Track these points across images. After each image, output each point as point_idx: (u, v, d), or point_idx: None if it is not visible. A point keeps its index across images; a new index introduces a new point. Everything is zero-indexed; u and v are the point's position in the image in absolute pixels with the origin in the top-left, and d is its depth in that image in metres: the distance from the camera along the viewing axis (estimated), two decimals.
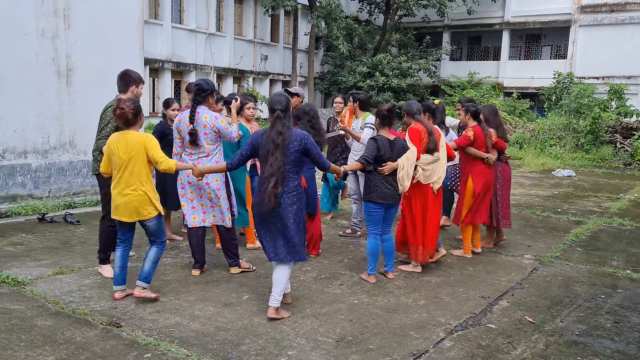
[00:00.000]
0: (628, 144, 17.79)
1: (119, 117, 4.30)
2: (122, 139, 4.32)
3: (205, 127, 4.91)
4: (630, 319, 4.51)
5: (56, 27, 8.23)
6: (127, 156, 4.28)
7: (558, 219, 8.54)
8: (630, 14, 24.25)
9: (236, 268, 5.32)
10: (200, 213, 5.11)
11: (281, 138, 4.13)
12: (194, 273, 5.24)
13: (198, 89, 4.98)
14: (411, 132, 5.40)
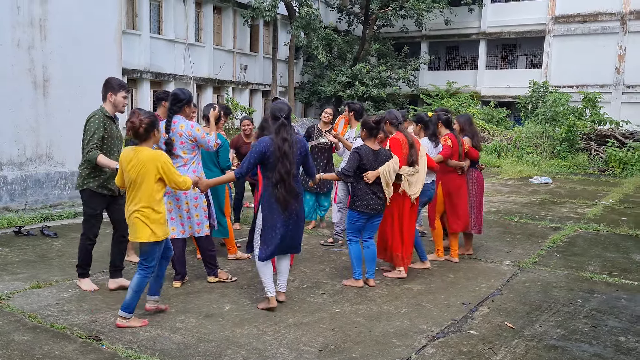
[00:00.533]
0: (602, 151, 18.15)
1: (128, 129, 4.07)
2: (133, 155, 4.07)
3: (181, 136, 4.88)
4: (607, 323, 4.59)
5: (32, 37, 8.14)
6: (135, 174, 4.05)
7: (536, 226, 8.67)
8: (602, 25, 24.83)
9: (213, 277, 5.32)
10: (178, 224, 5.06)
11: (287, 144, 4.39)
12: (175, 284, 5.20)
13: (174, 99, 4.95)
14: (392, 142, 5.47)
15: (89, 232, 5.00)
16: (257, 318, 4.44)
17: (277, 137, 4.41)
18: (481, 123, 21.75)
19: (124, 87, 5.01)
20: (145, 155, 4.05)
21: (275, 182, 4.40)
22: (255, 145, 4.46)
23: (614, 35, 24.57)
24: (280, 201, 4.42)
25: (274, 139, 4.42)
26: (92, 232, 5.01)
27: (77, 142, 8.62)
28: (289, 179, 4.39)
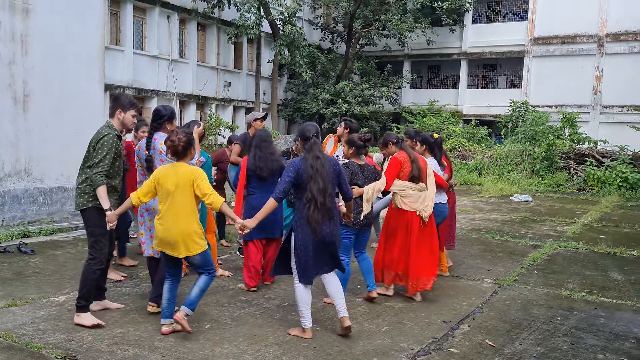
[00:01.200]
0: (581, 169, 18.44)
1: (169, 148, 4.23)
2: (171, 171, 4.23)
3: (160, 153, 4.80)
4: (586, 341, 4.63)
5: (13, 52, 8.09)
6: (174, 187, 4.18)
7: (516, 243, 8.74)
8: (580, 46, 25.38)
9: (155, 306, 4.81)
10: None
11: (319, 162, 4.37)
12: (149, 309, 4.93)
13: (155, 115, 4.92)
14: (392, 161, 5.45)
15: (101, 255, 4.58)
16: (237, 337, 4.40)
17: (310, 155, 4.38)
18: (462, 141, 22.00)
19: (135, 105, 4.73)
20: (185, 170, 4.23)
21: (307, 202, 4.30)
22: (289, 165, 4.43)
23: (591, 57, 25.12)
24: (313, 221, 4.29)
25: (306, 158, 4.39)
26: (104, 254, 4.61)
27: (57, 158, 8.61)
28: (322, 198, 4.30)
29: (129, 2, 19.30)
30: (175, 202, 4.19)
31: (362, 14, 26.00)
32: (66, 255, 6.88)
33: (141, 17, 20.30)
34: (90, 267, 4.55)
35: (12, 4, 8.02)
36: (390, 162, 5.46)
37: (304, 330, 4.45)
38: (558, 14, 25.49)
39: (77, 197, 4.63)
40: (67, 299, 5.17)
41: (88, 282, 4.53)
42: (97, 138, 4.55)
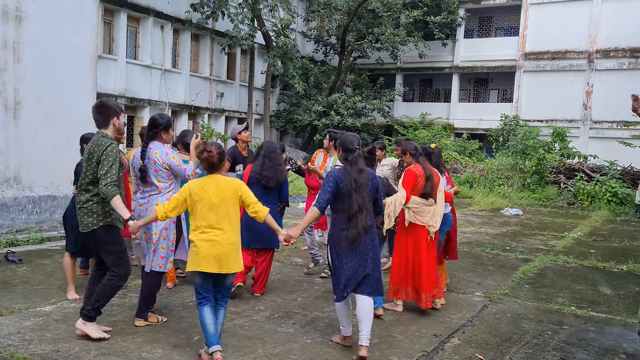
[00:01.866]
0: (571, 184, 18.56)
1: (204, 160, 4.08)
2: (210, 182, 4.08)
3: (155, 163, 4.72)
4: (576, 355, 4.63)
5: (5, 59, 8.05)
6: (219, 199, 4.04)
7: (507, 257, 8.76)
8: (570, 62, 25.66)
9: (142, 320, 4.79)
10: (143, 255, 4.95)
11: (363, 175, 4.33)
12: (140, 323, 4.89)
13: (151, 124, 4.83)
14: (408, 174, 5.42)
15: (125, 272, 4.46)
16: (225, 349, 4.36)
17: (353, 168, 4.32)
18: (454, 154, 22.10)
19: (122, 109, 4.62)
20: (227, 181, 4.15)
21: (352, 215, 4.26)
22: (328, 175, 4.39)
23: (581, 73, 25.38)
24: (352, 235, 4.26)
25: (349, 170, 4.33)
26: (128, 271, 4.50)
27: (47, 166, 8.55)
28: (363, 212, 4.28)
29: (122, 11, 19.31)
30: (221, 215, 4.05)
31: (356, 27, 26.17)
32: (54, 264, 6.81)
33: (135, 27, 20.30)
34: (113, 283, 4.40)
35: (5, 11, 8.00)
36: (407, 176, 5.42)
37: (344, 337, 4.55)
38: (549, 30, 25.79)
39: (83, 217, 4.37)
40: (54, 309, 5.11)
41: (106, 296, 4.42)
42: (100, 150, 4.31)
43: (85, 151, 4.47)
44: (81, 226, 4.38)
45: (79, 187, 4.48)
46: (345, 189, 4.29)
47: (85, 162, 4.43)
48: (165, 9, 20.93)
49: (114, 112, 4.46)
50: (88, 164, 4.38)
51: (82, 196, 4.40)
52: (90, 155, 4.36)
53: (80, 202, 4.39)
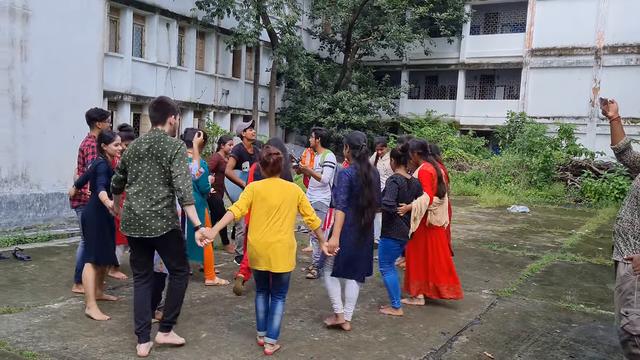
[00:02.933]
0: (578, 181, 18.46)
1: (271, 164, 4.19)
2: (275, 185, 4.22)
3: None
4: (585, 353, 4.61)
5: (12, 57, 8.08)
6: (280, 201, 4.17)
7: (514, 254, 8.73)
8: (577, 58, 25.52)
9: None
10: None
11: (371, 171, 4.68)
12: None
13: None
14: (424, 174, 5.50)
15: (189, 269, 4.42)
16: (233, 346, 4.36)
17: (363, 165, 4.63)
18: (460, 152, 22.03)
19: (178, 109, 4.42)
20: (289, 185, 4.28)
21: (363, 208, 4.58)
22: (342, 174, 4.61)
23: (588, 69, 25.24)
24: (361, 226, 4.61)
25: (359, 167, 4.63)
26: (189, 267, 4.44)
27: (54, 164, 8.57)
28: (373, 205, 4.64)
29: (128, 9, 19.34)
30: (280, 216, 4.17)
31: (361, 24, 26.11)
32: (62, 262, 6.84)
33: (140, 25, 20.33)
34: (183, 285, 4.29)
35: (12, 9, 8.02)
36: (425, 176, 5.49)
37: (337, 316, 4.80)
38: (555, 26, 25.64)
39: (150, 221, 4.05)
40: (62, 307, 5.12)
41: (181, 300, 4.31)
42: (172, 149, 4.05)
43: (141, 149, 4.09)
44: (146, 231, 4.06)
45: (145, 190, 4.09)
46: (357, 185, 4.56)
47: (145, 163, 4.09)
48: (171, 7, 20.95)
49: (171, 110, 4.26)
50: (151, 164, 4.08)
51: (152, 197, 4.07)
52: (157, 153, 4.06)
53: (149, 203, 4.06)
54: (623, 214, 3.67)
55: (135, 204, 4.06)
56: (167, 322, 4.24)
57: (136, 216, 4.05)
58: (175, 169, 4.02)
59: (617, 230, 3.70)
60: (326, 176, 6.33)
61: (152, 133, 4.17)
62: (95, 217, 4.97)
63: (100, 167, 4.97)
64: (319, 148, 6.71)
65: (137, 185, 4.10)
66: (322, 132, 6.71)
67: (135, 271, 4.27)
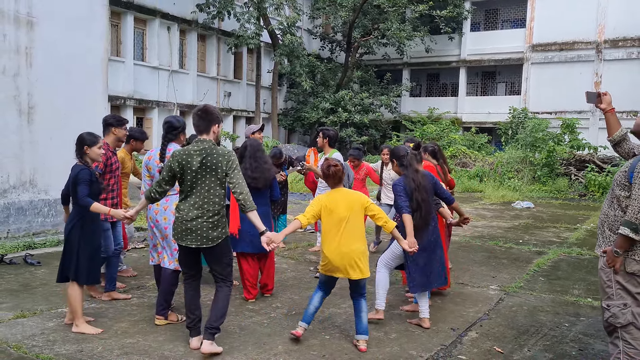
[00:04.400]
0: (582, 175, 18.47)
1: (332, 176, 4.35)
2: (338, 195, 4.36)
3: None
4: (594, 346, 4.64)
5: (18, 64, 8.13)
6: (348, 212, 4.30)
7: (520, 250, 8.76)
8: (579, 53, 25.53)
9: (162, 319, 4.84)
10: (156, 252, 5.05)
11: (419, 175, 4.94)
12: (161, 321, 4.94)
13: (169, 127, 4.92)
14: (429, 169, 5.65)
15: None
16: (246, 345, 4.41)
17: (410, 170, 4.92)
18: (463, 149, 22.06)
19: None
20: (353, 195, 4.43)
21: (414, 210, 4.79)
22: (396, 188, 4.88)
23: (590, 63, 25.25)
24: (419, 227, 4.80)
25: (407, 174, 4.91)
26: None
27: (61, 169, 8.59)
28: (425, 206, 4.86)
29: (129, 13, 19.43)
30: (350, 226, 4.31)
31: (361, 23, 26.17)
32: None
33: (141, 29, 20.42)
34: (228, 293, 4.33)
35: (17, 16, 8.08)
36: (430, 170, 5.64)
37: (378, 311, 5.03)
38: (556, 21, 25.65)
39: (207, 231, 4.11)
40: None
41: (226, 309, 4.34)
42: (225, 160, 4.12)
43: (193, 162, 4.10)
44: (203, 241, 4.12)
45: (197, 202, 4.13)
46: (409, 190, 4.84)
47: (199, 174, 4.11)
48: (172, 10, 21.04)
49: (216, 119, 4.29)
50: (206, 176, 4.11)
51: (205, 210, 4.11)
52: (212, 166, 4.10)
53: (207, 214, 4.11)
54: (603, 207, 3.73)
55: (192, 215, 4.13)
56: (214, 330, 4.26)
57: (193, 227, 4.12)
58: (231, 179, 4.12)
59: (598, 223, 3.77)
60: None
61: (200, 144, 4.17)
62: (83, 234, 4.61)
63: (82, 174, 4.56)
64: (327, 148, 6.78)
65: (193, 197, 4.16)
66: (330, 132, 6.78)
67: (184, 270, 4.40)
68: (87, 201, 4.51)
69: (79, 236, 4.60)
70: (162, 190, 4.29)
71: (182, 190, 4.21)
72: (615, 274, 3.52)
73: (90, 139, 4.71)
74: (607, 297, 3.57)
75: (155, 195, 4.32)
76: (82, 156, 4.68)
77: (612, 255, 3.48)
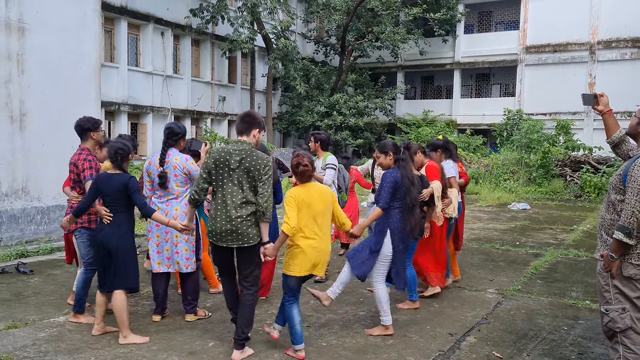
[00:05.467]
0: (577, 176, 18.48)
1: (301, 173, 4.26)
2: (313, 191, 4.26)
3: (175, 168, 4.90)
4: (594, 350, 4.60)
5: (9, 71, 8.06)
6: (324, 206, 4.26)
7: (517, 252, 8.72)
8: (572, 54, 25.58)
9: (192, 315, 5.14)
10: (165, 259, 5.01)
11: (412, 174, 4.94)
12: (154, 319, 5.10)
13: (170, 133, 4.98)
14: (432, 169, 5.82)
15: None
16: None
17: (404, 169, 4.87)
18: (458, 151, 22.00)
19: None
20: (324, 189, 4.34)
21: (407, 208, 4.81)
22: (387, 177, 4.80)
23: (583, 64, 25.31)
24: (413, 225, 4.84)
25: (402, 170, 4.86)
26: None
27: (54, 176, 8.54)
28: (418, 204, 4.94)
29: (122, 19, 19.35)
30: (325, 223, 4.28)
31: (355, 27, 26.15)
32: (65, 274, 6.81)
33: (135, 34, 20.34)
34: (254, 300, 4.32)
35: (8, 23, 8.01)
36: (433, 170, 5.79)
37: (387, 327, 4.83)
38: (549, 23, 25.71)
39: (247, 230, 4.14)
40: (67, 320, 5.09)
41: (253, 314, 4.33)
42: (263, 164, 4.14)
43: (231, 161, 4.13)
44: (244, 240, 4.15)
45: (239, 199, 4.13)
46: (403, 186, 4.80)
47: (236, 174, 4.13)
48: (165, 15, 20.97)
49: (257, 124, 4.32)
50: (242, 176, 4.13)
51: (244, 208, 4.13)
52: (250, 167, 4.12)
53: (243, 214, 4.12)
54: (601, 210, 3.69)
55: (231, 214, 4.13)
56: (243, 339, 4.24)
57: (233, 227, 4.13)
58: (262, 184, 4.14)
59: (597, 227, 3.74)
60: (329, 178, 6.32)
61: (239, 144, 4.21)
62: (131, 241, 4.64)
63: (133, 183, 4.53)
64: (319, 152, 6.71)
65: (230, 197, 4.15)
66: (322, 135, 6.72)
67: (220, 270, 4.52)
68: (150, 209, 4.62)
69: (131, 243, 4.63)
70: (201, 189, 4.27)
71: (215, 191, 4.23)
72: (613, 279, 3.47)
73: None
74: (605, 302, 3.53)
75: (196, 197, 4.31)
76: (121, 164, 4.58)
77: (608, 260, 3.44)
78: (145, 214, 4.64)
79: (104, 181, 4.55)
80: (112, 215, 4.50)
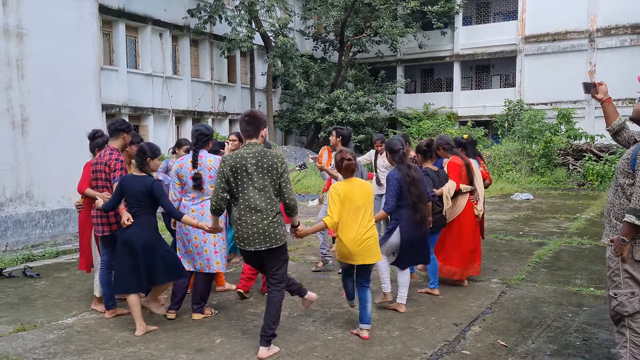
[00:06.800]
0: (580, 165, 18.46)
1: (346, 168, 4.53)
2: (356, 186, 4.52)
3: (210, 170, 4.99)
4: (598, 336, 4.62)
5: (9, 77, 8.11)
6: (365, 201, 4.50)
7: (520, 242, 8.74)
8: (572, 42, 25.50)
9: (199, 314, 5.20)
10: (189, 259, 5.13)
11: (412, 170, 5.05)
12: (169, 316, 5.16)
13: (200, 134, 5.07)
14: (451, 165, 5.93)
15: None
16: (248, 350, 4.39)
17: (403, 166, 5.03)
18: None
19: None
20: (365, 184, 4.62)
21: (411, 205, 4.98)
22: (390, 180, 5.03)
23: (583, 52, 25.23)
24: (419, 220, 5.01)
25: (401, 168, 5.03)
26: None
27: (57, 180, 8.60)
28: (423, 200, 5.04)
29: (120, 21, 19.37)
30: (366, 214, 4.51)
31: (353, 22, 26.12)
32: (72, 277, 6.87)
33: (133, 36, 20.36)
34: (282, 297, 4.36)
35: (7, 29, 8.05)
36: (452, 167, 5.92)
37: (385, 294, 5.30)
38: (548, 12, 25.63)
39: (274, 230, 4.18)
40: (75, 321, 5.15)
41: (280, 311, 4.36)
42: (280, 162, 4.21)
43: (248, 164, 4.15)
44: (272, 241, 4.19)
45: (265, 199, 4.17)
46: (404, 185, 4.97)
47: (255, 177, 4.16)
48: (163, 17, 20.98)
49: (263, 123, 4.36)
50: (263, 177, 4.16)
51: (269, 211, 4.17)
52: (268, 167, 4.17)
53: (270, 215, 4.17)
54: (609, 196, 3.71)
55: (257, 217, 4.16)
56: (270, 336, 4.27)
57: (259, 230, 4.17)
58: (283, 181, 4.23)
59: (604, 212, 3.75)
60: None
61: (251, 147, 4.22)
62: (160, 240, 4.83)
63: (158, 187, 4.69)
64: (339, 147, 6.78)
65: (253, 200, 4.17)
66: (344, 131, 6.84)
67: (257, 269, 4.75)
68: (179, 213, 4.81)
69: (160, 242, 4.80)
70: (221, 199, 4.24)
71: (236, 197, 4.22)
72: (623, 262, 3.48)
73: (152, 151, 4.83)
74: (614, 286, 3.54)
75: (217, 207, 4.27)
76: (143, 167, 4.76)
77: (619, 244, 3.44)
78: (175, 218, 4.84)
79: (129, 183, 4.69)
80: (136, 216, 4.68)
